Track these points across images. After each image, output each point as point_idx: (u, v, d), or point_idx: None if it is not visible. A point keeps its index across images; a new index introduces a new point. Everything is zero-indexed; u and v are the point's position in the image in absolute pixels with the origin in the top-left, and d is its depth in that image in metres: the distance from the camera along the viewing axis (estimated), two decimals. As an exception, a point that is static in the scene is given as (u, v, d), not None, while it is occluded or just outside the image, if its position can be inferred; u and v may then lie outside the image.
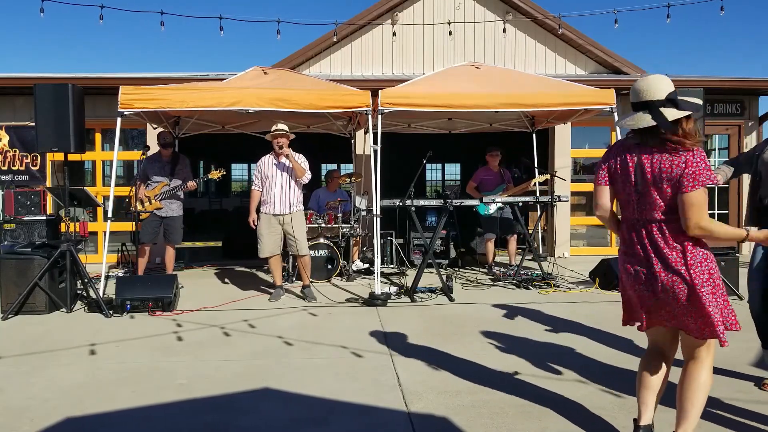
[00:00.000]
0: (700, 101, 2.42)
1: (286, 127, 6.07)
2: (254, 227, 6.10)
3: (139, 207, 6.56)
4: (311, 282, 6.32)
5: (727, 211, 9.89)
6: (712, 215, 9.85)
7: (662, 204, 2.37)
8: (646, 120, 2.36)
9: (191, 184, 6.71)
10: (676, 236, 2.37)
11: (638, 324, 2.62)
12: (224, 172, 6.85)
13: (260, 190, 6.12)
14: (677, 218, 2.35)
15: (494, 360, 3.97)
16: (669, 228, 2.38)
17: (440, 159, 21.76)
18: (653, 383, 2.58)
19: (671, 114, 2.33)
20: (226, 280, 7.43)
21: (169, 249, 6.85)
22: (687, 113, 2.32)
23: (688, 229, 2.31)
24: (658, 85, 2.37)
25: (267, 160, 6.13)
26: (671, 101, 2.35)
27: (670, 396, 3.27)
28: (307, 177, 6.08)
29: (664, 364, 2.61)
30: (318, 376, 3.67)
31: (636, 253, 2.50)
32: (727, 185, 9.89)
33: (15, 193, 7.84)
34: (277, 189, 6.03)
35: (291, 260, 7.15)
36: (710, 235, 2.32)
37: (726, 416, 3.00)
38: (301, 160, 6.10)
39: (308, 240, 6.41)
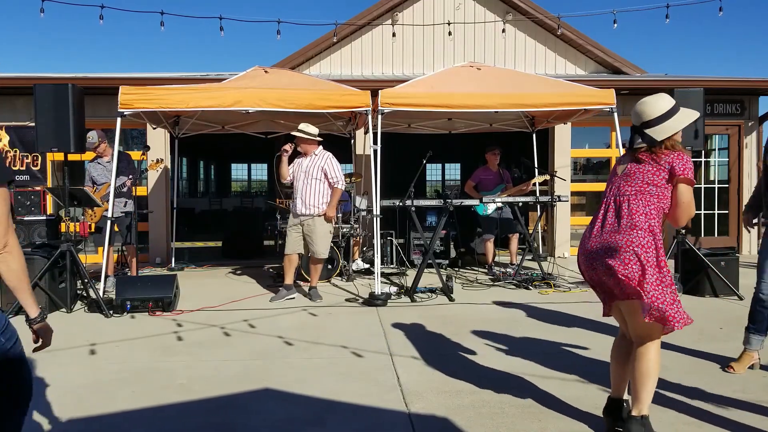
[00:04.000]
0: (668, 127, 2.66)
1: (307, 129, 6.06)
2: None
3: (89, 212, 6.49)
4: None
5: (727, 211, 9.88)
6: (712, 215, 9.86)
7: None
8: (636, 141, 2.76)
9: (129, 183, 6.60)
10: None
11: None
12: (164, 164, 6.83)
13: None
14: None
15: (494, 360, 3.97)
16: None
17: (440, 159, 21.77)
18: (620, 364, 2.82)
19: (638, 142, 2.70)
20: (226, 280, 7.43)
21: (129, 249, 6.79)
22: (642, 146, 2.67)
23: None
24: (643, 113, 2.70)
25: (297, 161, 6.18)
26: (641, 131, 2.69)
27: (664, 397, 3.28)
28: (335, 181, 6.05)
29: (629, 346, 2.78)
30: (318, 376, 3.67)
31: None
32: (727, 185, 9.91)
33: (15, 193, 7.84)
34: (299, 189, 6.05)
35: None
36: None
37: (727, 415, 3.00)
38: (318, 163, 6.04)
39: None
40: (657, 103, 2.69)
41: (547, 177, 8.20)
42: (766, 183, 3.86)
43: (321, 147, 6.18)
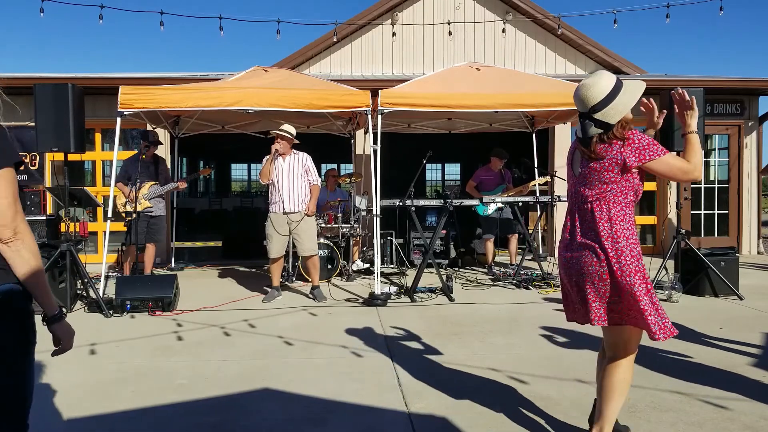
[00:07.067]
0: (619, 108, 2.40)
1: (290, 130, 6.09)
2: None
3: (128, 208, 6.59)
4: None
5: (727, 211, 9.88)
6: (712, 215, 9.86)
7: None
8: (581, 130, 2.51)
9: (183, 184, 6.92)
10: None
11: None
12: (213, 169, 7.09)
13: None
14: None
15: (494, 360, 3.97)
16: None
17: (440, 159, 21.77)
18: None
19: (592, 130, 2.43)
20: (226, 280, 7.43)
21: (150, 247, 6.97)
22: (599, 131, 2.41)
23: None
24: (587, 99, 2.43)
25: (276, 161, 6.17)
26: (591, 117, 2.42)
27: (665, 397, 3.28)
28: (314, 179, 6.17)
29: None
30: (318, 376, 3.67)
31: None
32: (727, 185, 9.91)
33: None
34: (284, 187, 6.02)
35: (291, 260, 7.14)
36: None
37: (727, 415, 3.00)
38: (301, 162, 6.09)
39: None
40: (599, 83, 2.42)
41: (548, 179, 8.19)
42: None
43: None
